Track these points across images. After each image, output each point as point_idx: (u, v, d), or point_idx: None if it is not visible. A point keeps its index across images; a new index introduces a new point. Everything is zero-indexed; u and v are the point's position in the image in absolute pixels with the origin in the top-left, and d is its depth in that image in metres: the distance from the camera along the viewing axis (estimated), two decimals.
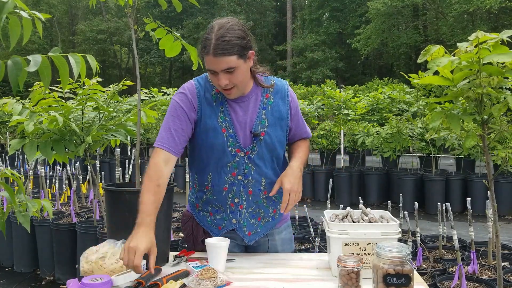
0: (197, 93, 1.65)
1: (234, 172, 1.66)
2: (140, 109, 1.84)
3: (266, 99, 1.69)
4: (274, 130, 1.68)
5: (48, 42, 28.12)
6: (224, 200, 1.70)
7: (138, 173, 1.80)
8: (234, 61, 1.48)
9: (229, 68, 1.49)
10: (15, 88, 1.20)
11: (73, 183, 4.24)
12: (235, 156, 1.65)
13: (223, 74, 1.51)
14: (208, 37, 1.50)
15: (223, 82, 1.52)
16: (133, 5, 1.81)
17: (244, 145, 1.64)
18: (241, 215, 1.71)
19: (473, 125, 3.54)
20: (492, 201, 1.95)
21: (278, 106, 1.69)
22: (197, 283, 1.37)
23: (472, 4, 16.42)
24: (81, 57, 1.38)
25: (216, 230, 1.74)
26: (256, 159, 1.66)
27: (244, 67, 1.54)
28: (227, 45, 1.46)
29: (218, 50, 1.46)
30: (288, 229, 1.88)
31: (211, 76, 1.56)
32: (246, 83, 1.61)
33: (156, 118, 2.63)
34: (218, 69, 1.50)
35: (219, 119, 1.63)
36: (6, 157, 6.90)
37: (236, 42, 1.48)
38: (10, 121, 2.59)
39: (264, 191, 1.71)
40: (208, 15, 27.23)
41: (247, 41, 1.53)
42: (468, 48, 1.60)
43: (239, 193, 1.69)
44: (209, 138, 1.63)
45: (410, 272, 1.24)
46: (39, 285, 3.72)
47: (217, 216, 1.74)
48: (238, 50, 1.48)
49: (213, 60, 1.48)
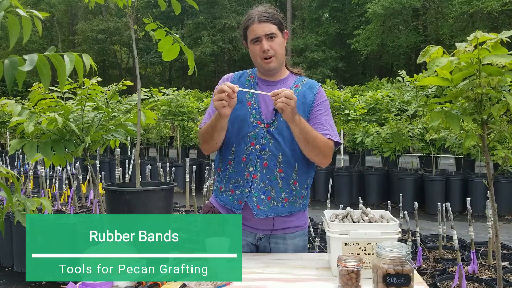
0: (232, 76, 1.91)
1: (253, 142, 1.77)
2: (140, 109, 1.84)
3: (295, 88, 1.83)
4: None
5: (48, 42, 28.10)
6: (242, 171, 1.78)
7: (138, 173, 1.79)
8: (274, 29, 1.74)
9: (272, 33, 1.73)
10: (10, 87, 1.20)
11: (73, 183, 4.24)
12: (256, 127, 1.77)
13: (266, 40, 1.73)
14: (251, 12, 1.78)
15: (266, 46, 1.73)
16: (133, 5, 1.81)
17: (265, 118, 1.77)
18: (253, 184, 1.76)
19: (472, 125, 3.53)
20: (492, 201, 1.95)
21: (305, 93, 1.81)
22: (197, 283, 1.37)
23: (472, 5, 16.41)
24: (76, 56, 1.38)
25: (238, 205, 1.80)
26: (275, 133, 1.76)
27: (281, 41, 1.77)
28: (269, 15, 1.75)
29: (262, 17, 1.73)
30: (303, 237, 1.89)
31: (253, 47, 1.76)
32: (282, 59, 1.80)
33: (155, 119, 2.62)
34: (262, 33, 1.72)
35: (247, 95, 1.80)
36: (6, 157, 6.90)
37: (276, 15, 1.77)
38: (10, 121, 2.59)
39: (279, 169, 1.75)
40: (209, 15, 27.23)
41: (283, 21, 1.79)
42: (467, 48, 1.60)
43: (255, 162, 1.76)
44: (235, 110, 1.75)
45: (410, 272, 1.24)
46: (39, 285, 3.72)
47: (237, 191, 1.81)
48: (277, 22, 1.75)
49: (258, 26, 1.73)
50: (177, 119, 8.05)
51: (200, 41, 26.51)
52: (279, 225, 1.81)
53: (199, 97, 11.94)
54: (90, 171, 3.39)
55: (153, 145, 9.62)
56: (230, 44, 27.04)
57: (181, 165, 7.70)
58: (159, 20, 1.93)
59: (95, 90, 2.64)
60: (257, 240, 1.83)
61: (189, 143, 9.11)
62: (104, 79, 4.98)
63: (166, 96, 7.97)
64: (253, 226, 1.81)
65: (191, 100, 8.64)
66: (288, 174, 1.76)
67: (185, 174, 4.53)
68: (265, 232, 1.81)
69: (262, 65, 1.79)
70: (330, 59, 25.01)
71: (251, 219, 1.79)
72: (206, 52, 25.71)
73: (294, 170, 1.77)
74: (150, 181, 2.08)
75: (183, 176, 5.32)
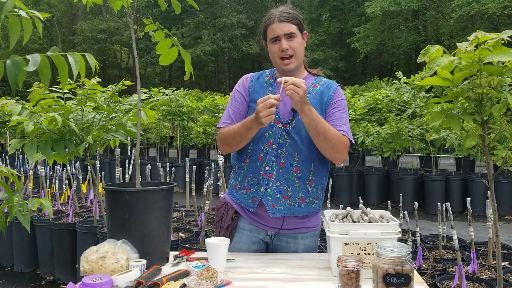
0: (251, 77, 1.93)
1: (270, 141, 1.78)
2: (140, 109, 1.84)
3: (313, 88, 1.85)
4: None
5: (48, 42, 28.10)
6: (258, 170, 1.79)
7: (138, 173, 1.79)
8: (294, 28, 1.76)
9: (291, 33, 1.75)
10: (14, 87, 1.20)
11: (73, 183, 4.24)
12: (273, 127, 1.77)
13: (285, 39, 1.75)
14: (272, 12, 1.80)
15: (285, 45, 1.74)
16: (133, 5, 1.81)
17: (283, 117, 1.78)
18: (269, 183, 1.77)
19: (473, 125, 3.54)
20: (492, 201, 1.95)
21: (322, 92, 1.83)
22: (197, 283, 1.37)
23: (472, 7, 16.42)
24: (80, 56, 1.38)
25: (252, 203, 1.81)
26: (293, 133, 1.76)
27: (301, 41, 1.80)
28: (290, 15, 1.77)
29: (282, 17, 1.76)
30: (314, 238, 1.90)
31: (273, 46, 1.79)
32: (301, 59, 1.83)
33: (156, 118, 2.62)
34: (281, 32, 1.74)
35: (265, 93, 1.82)
36: (6, 157, 6.90)
37: (296, 16, 1.79)
38: (10, 121, 2.59)
39: (295, 169, 1.75)
40: (209, 14, 27.22)
41: (303, 22, 1.81)
42: (468, 48, 1.60)
43: (271, 161, 1.76)
44: (253, 109, 1.76)
45: (410, 272, 1.24)
46: (39, 285, 3.72)
47: (252, 190, 1.81)
48: (298, 22, 1.78)
49: (278, 25, 1.75)
50: (177, 119, 8.05)
51: (200, 40, 26.50)
52: (290, 225, 1.81)
53: (199, 97, 11.94)
54: (90, 171, 3.39)
55: (153, 145, 9.62)
56: (230, 43, 27.02)
57: (181, 165, 7.70)
58: (159, 20, 1.93)
59: (95, 90, 2.64)
60: (269, 237, 1.84)
61: (189, 143, 9.10)
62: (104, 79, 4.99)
63: (166, 96, 7.96)
64: (266, 223, 1.81)
65: (191, 100, 8.64)
66: (305, 173, 1.77)
67: (185, 174, 4.53)
68: (276, 230, 1.82)
69: (281, 66, 1.80)
70: (330, 59, 25.00)
71: (264, 216, 1.79)
72: (207, 50, 25.69)
73: (310, 170, 1.78)
74: (150, 181, 2.08)
75: (183, 176, 5.32)
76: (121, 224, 1.56)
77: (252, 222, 1.83)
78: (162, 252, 1.64)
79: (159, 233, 1.61)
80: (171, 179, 4.54)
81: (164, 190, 1.62)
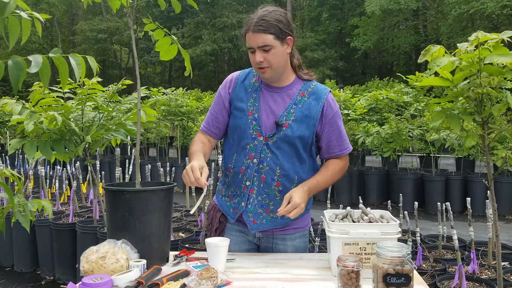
0: (236, 79, 1.82)
1: (251, 154, 1.73)
2: (140, 108, 1.84)
3: (301, 97, 1.74)
4: (298, 125, 1.70)
5: (48, 42, 28.10)
6: (240, 183, 1.77)
7: (138, 173, 1.79)
8: (270, 39, 1.60)
9: (265, 45, 1.61)
10: (16, 88, 1.20)
11: (73, 183, 4.24)
12: (255, 140, 1.73)
13: (259, 52, 1.63)
14: (250, 17, 1.65)
15: (258, 59, 1.63)
16: (133, 5, 1.81)
17: (265, 130, 1.72)
18: (249, 199, 1.74)
19: (473, 125, 3.54)
20: (492, 201, 1.95)
21: (310, 105, 1.72)
22: (197, 283, 1.37)
23: (471, 6, 16.45)
24: (82, 58, 1.38)
25: (233, 213, 1.80)
26: (273, 147, 1.71)
27: (281, 50, 1.64)
28: (265, 23, 1.60)
29: (256, 27, 1.60)
30: (304, 238, 1.86)
31: (250, 56, 1.68)
32: (282, 68, 1.69)
33: (156, 117, 2.62)
34: (255, 45, 1.62)
35: (249, 102, 1.75)
36: (6, 157, 6.90)
37: (274, 23, 1.60)
38: (10, 120, 2.59)
39: (277, 183, 1.72)
40: (209, 14, 27.22)
41: (286, 27, 1.64)
42: (468, 48, 1.60)
43: (252, 176, 1.73)
44: (236, 118, 1.76)
45: (410, 272, 1.24)
46: (39, 285, 3.72)
47: (234, 200, 1.80)
48: (275, 30, 1.61)
49: (252, 36, 1.62)
50: (177, 119, 8.05)
51: (200, 40, 26.51)
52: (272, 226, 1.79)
53: (199, 97, 11.93)
54: (90, 171, 3.39)
55: (153, 145, 9.62)
56: (230, 42, 27.04)
57: (181, 165, 7.70)
58: (159, 19, 1.94)
59: (95, 90, 2.64)
60: (257, 239, 1.83)
61: (189, 143, 9.09)
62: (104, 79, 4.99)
63: (165, 96, 7.96)
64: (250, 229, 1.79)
65: (190, 99, 8.64)
66: (287, 187, 1.72)
67: None
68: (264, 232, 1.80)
69: (258, 73, 1.72)
70: (330, 58, 25.01)
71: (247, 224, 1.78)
72: (207, 50, 25.71)
73: (293, 183, 1.73)
74: (150, 181, 2.08)
75: None
76: (121, 224, 1.56)
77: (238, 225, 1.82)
78: (162, 252, 1.64)
79: (159, 233, 1.61)
80: (171, 179, 4.54)
81: (164, 190, 1.62)
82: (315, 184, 1.69)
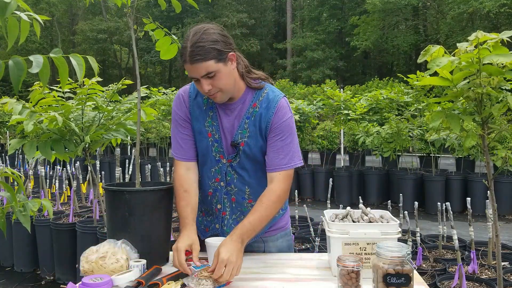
0: (188, 96, 1.67)
1: (218, 177, 1.67)
2: (140, 108, 1.84)
3: (253, 108, 1.62)
4: (255, 140, 1.61)
5: (48, 42, 28.13)
6: (210, 204, 1.72)
7: (138, 173, 1.79)
8: (212, 65, 1.46)
9: (209, 73, 1.47)
10: (17, 88, 1.20)
11: (73, 183, 4.24)
12: (219, 162, 1.65)
13: (205, 80, 1.49)
14: (184, 45, 1.48)
15: (206, 88, 1.49)
16: (133, 5, 1.81)
17: (227, 152, 1.64)
18: (223, 221, 1.70)
19: (473, 125, 3.54)
20: (492, 201, 1.95)
21: (261, 115, 1.60)
22: (197, 283, 1.37)
23: (470, 5, 16.48)
24: (83, 59, 1.39)
25: (204, 231, 1.77)
26: (238, 168, 1.65)
27: (226, 70, 1.50)
28: (201, 51, 1.44)
29: (194, 57, 1.44)
30: (286, 237, 1.82)
31: (196, 84, 1.54)
32: (232, 87, 1.56)
33: (156, 117, 2.63)
34: (197, 75, 1.48)
35: (206, 123, 1.64)
36: (6, 157, 6.91)
37: (211, 46, 1.45)
38: (10, 120, 2.59)
39: (249, 200, 1.67)
40: (209, 14, 27.23)
41: (225, 44, 1.49)
42: (468, 48, 1.60)
43: (222, 199, 1.69)
44: (197, 141, 1.68)
45: (410, 272, 1.24)
46: (39, 285, 3.72)
47: (207, 217, 1.77)
48: (214, 54, 1.46)
49: (191, 67, 1.47)
50: None
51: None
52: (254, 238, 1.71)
53: None
54: (90, 171, 3.39)
55: (153, 145, 9.62)
56: None
57: None
58: (159, 19, 1.94)
59: (95, 90, 2.65)
60: None
61: None
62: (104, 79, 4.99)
63: (166, 96, 7.96)
64: None
65: None
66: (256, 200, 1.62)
67: None
68: None
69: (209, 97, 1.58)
70: (330, 58, 25.03)
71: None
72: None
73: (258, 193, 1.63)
74: (150, 181, 2.08)
75: None
76: (121, 224, 1.57)
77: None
78: (162, 252, 1.64)
79: (159, 233, 1.61)
80: (171, 179, 4.54)
81: (164, 190, 1.62)
82: (248, 227, 1.49)
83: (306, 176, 7.20)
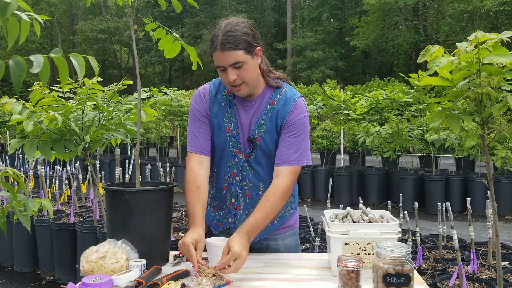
0: (209, 93, 1.72)
1: (234, 172, 1.70)
2: (140, 108, 1.84)
3: (270, 105, 1.67)
4: (271, 136, 1.65)
5: (48, 42, 28.14)
6: (224, 198, 1.75)
7: (138, 173, 1.79)
8: (241, 55, 1.52)
9: (237, 62, 1.52)
10: (18, 88, 1.20)
11: (73, 183, 4.24)
12: (235, 157, 1.69)
13: (232, 69, 1.54)
14: (215, 33, 1.54)
15: (232, 77, 1.54)
16: (133, 5, 1.81)
17: (244, 147, 1.68)
18: (236, 215, 1.73)
19: (473, 125, 3.54)
20: (492, 201, 1.95)
21: (278, 111, 1.65)
22: (197, 282, 1.38)
23: (470, 3, 16.49)
24: (83, 59, 1.39)
25: (216, 225, 1.79)
26: (254, 163, 1.68)
27: (252, 63, 1.56)
28: (233, 40, 1.50)
29: (225, 45, 1.50)
30: (294, 236, 1.85)
31: (221, 74, 1.59)
32: (255, 81, 1.62)
33: (156, 117, 2.63)
34: (226, 63, 1.53)
35: (225, 118, 1.68)
36: (6, 157, 6.91)
37: (242, 37, 1.52)
38: (10, 120, 2.60)
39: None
40: (209, 14, 27.24)
41: (254, 38, 1.55)
42: (468, 48, 1.60)
43: (236, 194, 1.71)
44: (214, 136, 1.70)
45: (410, 272, 1.24)
46: (39, 285, 3.72)
47: (219, 212, 1.78)
48: (244, 45, 1.52)
49: (221, 55, 1.52)
50: (177, 119, 8.05)
51: (200, 40, 26.53)
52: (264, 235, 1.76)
53: None
54: (90, 171, 3.39)
55: (153, 145, 9.63)
56: None
57: (181, 165, 7.70)
58: (158, 19, 1.94)
59: (95, 90, 2.65)
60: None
61: None
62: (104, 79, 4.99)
63: (167, 96, 7.97)
64: None
65: None
66: None
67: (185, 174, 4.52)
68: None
69: (232, 91, 1.63)
70: (330, 58, 25.03)
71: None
72: (207, 50, 25.75)
73: None
74: (150, 181, 2.08)
75: (183, 176, 5.32)
76: (121, 224, 1.57)
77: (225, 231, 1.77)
78: (162, 252, 1.64)
79: (159, 233, 1.61)
80: (171, 179, 4.54)
81: (164, 190, 1.62)
82: (254, 225, 1.53)
83: (306, 176, 7.20)
